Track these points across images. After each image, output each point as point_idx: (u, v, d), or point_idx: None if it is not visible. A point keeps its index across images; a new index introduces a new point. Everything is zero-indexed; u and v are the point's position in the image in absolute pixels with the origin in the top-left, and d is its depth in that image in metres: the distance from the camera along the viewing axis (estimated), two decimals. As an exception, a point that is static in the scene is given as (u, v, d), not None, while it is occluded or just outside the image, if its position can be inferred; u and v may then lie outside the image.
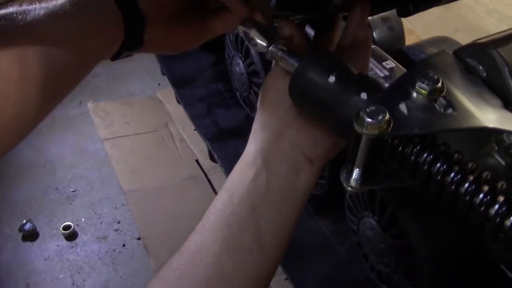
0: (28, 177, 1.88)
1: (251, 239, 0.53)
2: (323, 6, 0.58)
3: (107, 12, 0.49)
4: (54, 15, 0.45)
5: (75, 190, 1.83)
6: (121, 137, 1.90)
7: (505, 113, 0.49)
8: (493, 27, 2.04)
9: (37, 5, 0.44)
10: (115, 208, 1.74)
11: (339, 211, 0.94)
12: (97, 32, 0.49)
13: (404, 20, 1.14)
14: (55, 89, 0.46)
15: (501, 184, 0.41)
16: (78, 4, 0.47)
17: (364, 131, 0.44)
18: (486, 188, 0.41)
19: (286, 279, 1.02)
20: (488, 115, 0.48)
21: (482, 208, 0.40)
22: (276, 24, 0.60)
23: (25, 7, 0.43)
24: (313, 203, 1.05)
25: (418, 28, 1.92)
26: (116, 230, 1.68)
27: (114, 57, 0.54)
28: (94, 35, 0.48)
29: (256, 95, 1.16)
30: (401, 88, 0.48)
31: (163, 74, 1.58)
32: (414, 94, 0.47)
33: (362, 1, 0.59)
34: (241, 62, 1.19)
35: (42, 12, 0.44)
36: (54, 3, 0.46)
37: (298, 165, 0.57)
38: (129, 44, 0.53)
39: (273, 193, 0.56)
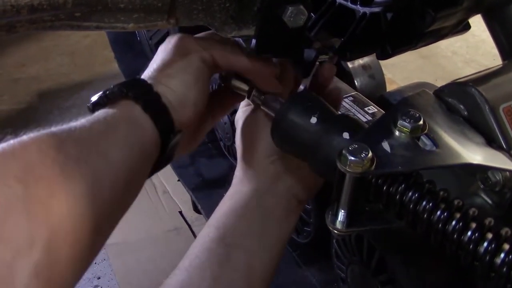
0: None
1: (242, 279, 0.54)
2: (301, 49, 0.59)
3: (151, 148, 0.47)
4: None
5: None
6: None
7: (489, 150, 0.49)
8: (471, 75, 2.09)
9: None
10: (95, 263, 1.69)
11: (327, 259, 0.92)
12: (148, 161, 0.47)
13: (384, 70, 1.16)
14: (109, 223, 0.43)
15: (489, 220, 0.40)
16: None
17: (348, 170, 0.43)
18: (473, 225, 0.40)
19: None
20: (472, 152, 0.47)
21: (471, 246, 0.39)
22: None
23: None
24: (299, 252, 1.02)
25: (398, 78, 1.96)
26: (95, 286, 1.62)
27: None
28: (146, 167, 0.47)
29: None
30: (383, 126, 0.48)
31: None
32: (397, 133, 0.47)
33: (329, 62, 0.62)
34: (224, 112, 1.19)
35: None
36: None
37: (290, 207, 0.59)
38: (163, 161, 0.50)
39: (268, 236, 0.57)
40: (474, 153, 0.47)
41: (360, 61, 1.11)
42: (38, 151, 0.36)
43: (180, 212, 1.73)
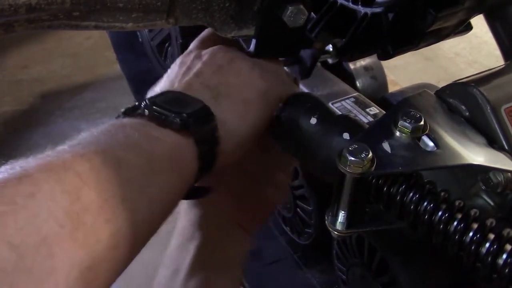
0: None
1: None
2: (301, 49, 0.59)
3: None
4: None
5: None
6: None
7: (491, 151, 0.48)
8: (474, 77, 2.09)
9: None
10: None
11: (328, 261, 0.91)
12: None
13: (387, 72, 1.16)
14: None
15: (491, 221, 0.40)
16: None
17: (348, 170, 0.43)
18: (475, 225, 0.39)
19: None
20: (473, 153, 0.47)
21: (473, 247, 0.39)
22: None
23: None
24: (300, 253, 1.02)
25: (401, 79, 1.95)
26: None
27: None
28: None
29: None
30: (384, 127, 0.47)
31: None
32: (397, 133, 0.46)
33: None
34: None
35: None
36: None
37: (236, 236, 0.60)
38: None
39: (220, 263, 0.58)
40: (475, 154, 0.47)
41: (362, 62, 1.10)
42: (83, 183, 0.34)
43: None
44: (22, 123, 1.93)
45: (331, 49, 0.62)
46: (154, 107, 0.42)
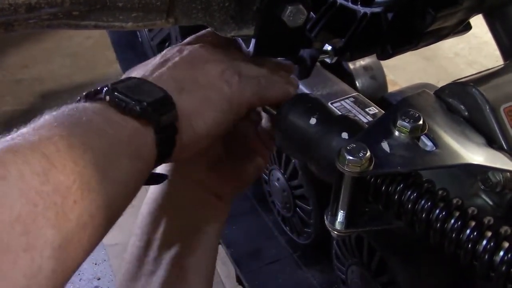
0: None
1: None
2: (300, 49, 0.59)
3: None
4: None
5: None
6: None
7: (490, 150, 0.49)
8: (474, 77, 2.09)
9: None
10: (95, 264, 1.68)
11: (327, 260, 0.91)
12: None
13: (387, 72, 1.16)
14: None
15: (488, 219, 0.40)
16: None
17: (346, 169, 0.43)
18: (472, 223, 0.39)
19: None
20: (472, 153, 0.47)
21: (470, 244, 0.39)
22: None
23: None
24: (300, 253, 1.02)
25: (400, 79, 1.95)
26: (96, 287, 1.61)
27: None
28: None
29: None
30: (383, 126, 0.47)
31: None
32: (396, 133, 0.46)
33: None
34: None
35: None
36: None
37: (209, 203, 0.60)
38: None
39: (194, 233, 0.58)
40: (474, 154, 0.47)
41: (362, 62, 1.10)
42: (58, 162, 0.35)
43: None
44: (22, 122, 1.92)
45: (329, 49, 0.62)
46: (115, 93, 0.43)
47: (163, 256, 0.56)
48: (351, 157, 0.42)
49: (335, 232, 0.48)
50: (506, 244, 0.38)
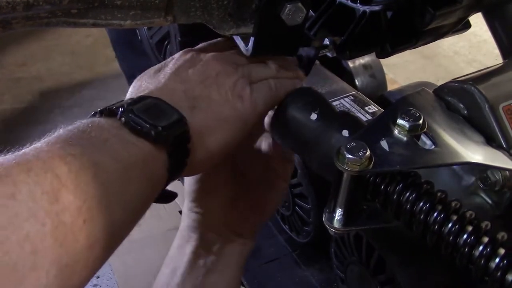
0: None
1: None
2: (299, 47, 0.59)
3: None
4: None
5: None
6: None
7: (489, 149, 0.48)
8: (473, 75, 2.09)
9: None
10: (96, 262, 1.69)
11: (326, 259, 0.91)
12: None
13: (386, 70, 1.16)
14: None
15: (486, 224, 0.40)
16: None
17: (345, 168, 0.43)
18: (469, 228, 0.39)
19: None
20: (471, 151, 0.47)
21: (466, 249, 0.39)
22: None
23: None
24: (299, 252, 1.02)
25: (400, 78, 1.95)
26: (95, 285, 1.61)
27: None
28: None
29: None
30: (382, 125, 0.47)
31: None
32: (396, 131, 0.46)
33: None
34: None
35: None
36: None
37: (230, 239, 0.62)
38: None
39: (216, 264, 0.61)
40: (473, 152, 0.47)
41: (361, 61, 1.10)
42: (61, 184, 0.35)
43: (180, 212, 1.73)
44: (21, 121, 1.92)
45: (328, 43, 0.62)
46: (130, 115, 0.43)
47: (186, 283, 0.60)
48: (350, 156, 0.42)
49: (333, 230, 0.48)
50: (501, 251, 0.38)
